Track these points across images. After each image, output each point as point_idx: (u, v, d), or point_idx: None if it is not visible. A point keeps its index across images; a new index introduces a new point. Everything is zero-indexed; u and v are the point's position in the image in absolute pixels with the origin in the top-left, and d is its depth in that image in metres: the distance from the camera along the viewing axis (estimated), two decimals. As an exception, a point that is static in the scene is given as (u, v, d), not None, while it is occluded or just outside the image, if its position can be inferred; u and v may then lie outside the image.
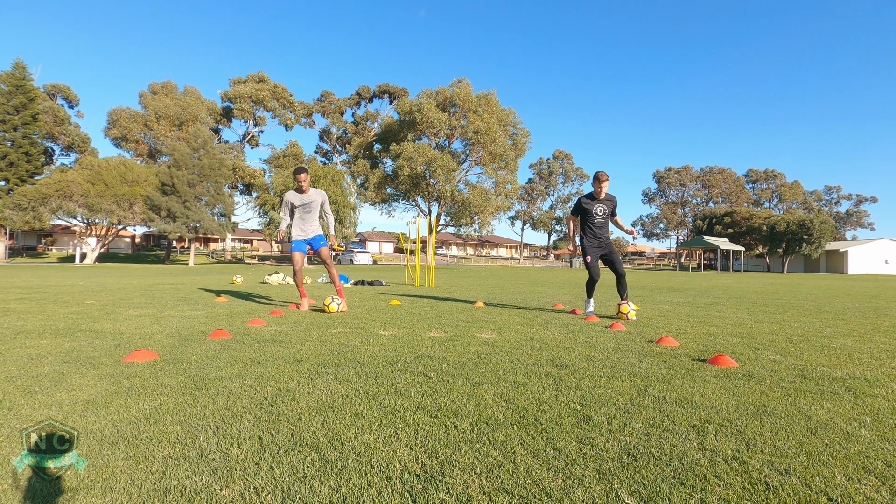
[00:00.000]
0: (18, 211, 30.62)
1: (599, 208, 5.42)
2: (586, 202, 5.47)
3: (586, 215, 5.49)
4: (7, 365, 2.71)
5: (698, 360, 3.04)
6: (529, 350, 3.34)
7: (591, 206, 5.44)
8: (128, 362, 2.79)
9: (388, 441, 1.68)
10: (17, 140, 33.92)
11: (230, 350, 3.21)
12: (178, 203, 33.44)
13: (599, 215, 5.44)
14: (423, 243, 31.48)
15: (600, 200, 5.43)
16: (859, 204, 73.26)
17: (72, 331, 3.89)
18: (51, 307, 5.51)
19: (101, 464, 1.48)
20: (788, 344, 3.72)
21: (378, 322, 4.65)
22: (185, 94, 43.71)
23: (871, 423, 1.90)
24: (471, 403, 2.10)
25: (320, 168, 35.40)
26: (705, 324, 4.83)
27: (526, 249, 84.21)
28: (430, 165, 36.72)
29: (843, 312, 6.20)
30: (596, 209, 5.42)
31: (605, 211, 5.45)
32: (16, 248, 43.72)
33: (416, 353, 3.19)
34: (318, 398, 2.16)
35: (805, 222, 45.07)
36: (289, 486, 1.36)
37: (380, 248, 71.71)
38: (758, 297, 9.01)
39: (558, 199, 72.65)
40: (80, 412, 1.93)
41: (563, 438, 1.72)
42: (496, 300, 7.32)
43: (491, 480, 1.41)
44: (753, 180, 73.84)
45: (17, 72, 34.38)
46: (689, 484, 1.39)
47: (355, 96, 52.45)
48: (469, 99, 38.06)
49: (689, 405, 2.11)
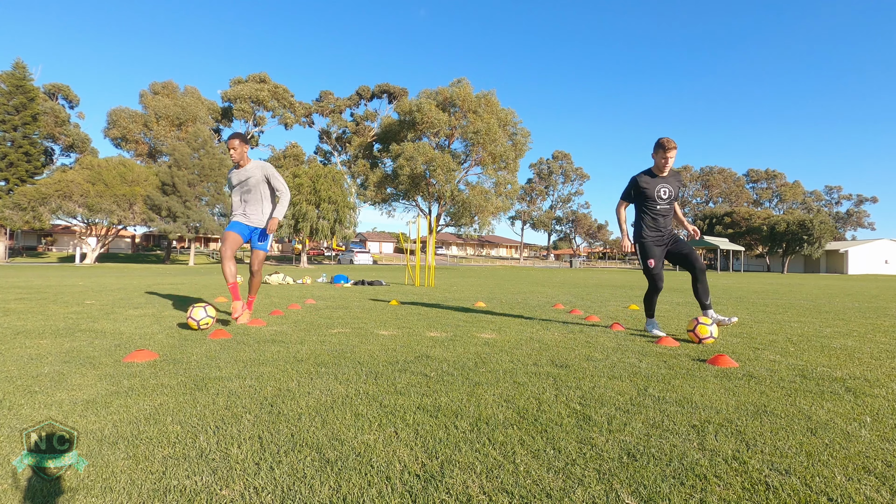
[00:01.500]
0: (18, 211, 30.63)
1: (664, 189, 4.04)
2: (645, 181, 4.07)
3: (644, 200, 4.09)
4: (7, 365, 2.71)
5: (698, 360, 3.04)
6: (529, 350, 3.34)
7: (651, 187, 4.05)
8: (128, 362, 2.79)
9: (388, 441, 1.68)
10: (17, 140, 33.93)
11: (230, 350, 3.21)
12: (178, 203, 33.45)
13: (663, 199, 4.05)
14: (423, 243, 31.48)
15: (664, 178, 4.06)
16: (859, 204, 73.30)
17: (72, 331, 3.89)
18: (51, 307, 5.51)
19: (101, 464, 1.48)
20: (788, 344, 3.72)
21: (378, 322, 4.65)
22: (186, 94, 43.76)
23: (871, 423, 1.90)
24: (471, 403, 2.10)
25: (320, 168, 35.39)
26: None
27: (526, 249, 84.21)
28: (430, 165, 36.75)
29: (843, 312, 6.20)
30: (659, 190, 4.04)
31: (671, 193, 4.07)
32: (16, 248, 43.72)
33: (416, 353, 3.19)
34: (318, 398, 2.16)
35: (805, 222, 45.10)
36: (289, 486, 1.36)
37: (380, 248, 71.73)
38: (758, 297, 9.01)
39: (558, 199, 72.69)
40: (80, 412, 1.93)
41: (563, 438, 1.72)
42: (496, 300, 7.32)
43: (491, 480, 1.41)
44: (753, 180, 73.87)
45: (17, 72, 34.40)
46: (689, 484, 1.39)
47: (355, 96, 52.46)
48: (469, 99, 38.07)
49: (689, 405, 2.11)
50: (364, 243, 67.39)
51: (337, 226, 34.32)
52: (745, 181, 73.43)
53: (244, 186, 4.51)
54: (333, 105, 51.78)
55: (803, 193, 71.98)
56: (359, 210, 39.33)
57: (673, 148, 3.93)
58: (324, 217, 33.31)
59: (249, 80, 46.49)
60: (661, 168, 4.02)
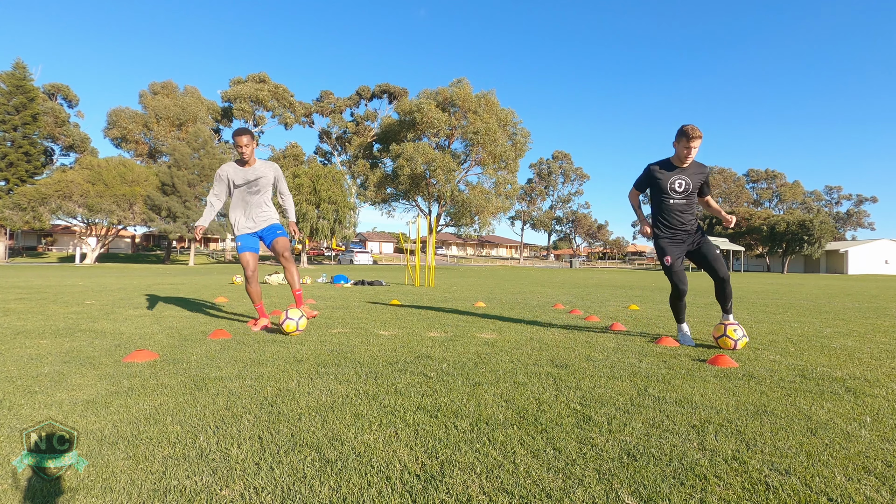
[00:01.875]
0: (18, 211, 30.64)
1: (678, 181, 3.62)
2: (658, 172, 3.66)
3: (657, 192, 3.71)
4: (7, 365, 2.71)
5: (698, 360, 3.04)
6: (529, 350, 3.34)
7: (665, 179, 3.63)
8: (128, 362, 2.79)
9: (388, 441, 1.68)
10: (17, 140, 33.94)
11: (230, 350, 3.21)
12: (178, 203, 33.46)
13: (678, 192, 3.63)
14: (423, 243, 31.48)
15: (682, 170, 3.62)
16: (859, 204, 73.30)
17: (72, 331, 3.89)
18: (51, 307, 5.51)
19: (101, 464, 1.48)
20: (788, 344, 3.72)
21: (378, 322, 4.65)
22: (185, 94, 43.76)
23: (871, 423, 1.90)
24: (471, 403, 2.10)
25: (320, 168, 35.40)
26: (705, 324, 4.82)
27: (526, 249, 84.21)
28: (431, 165, 36.75)
29: (843, 312, 6.20)
30: (673, 183, 3.62)
31: (688, 186, 3.62)
32: (16, 248, 43.72)
33: (416, 353, 3.19)
34: (318, 398, 2.16)
35: (805, 222, 45.10)
36: (289, 486, 1.36)
37: (380, 248, 71.72)
38: (758, 297, 9.01)
39: (558, 199, 72.69)
40: (80, 412, 1.93)
41: (563, 438, 1.72)
42: (496, 300, 7.32)
43: (491, 480, 1.41)
44: (753, 180, 73.86)
45: (17, 72, 34.42)
46: (689, 484, 1.39)
47: (355, 96, 52.46)
48: (469, 99, 38.07)
49: (689, 405, 2.11)
50: (364, 243, 67.40)
51: (337, 226, 34.33)
52: (745, 181, 73.43)
53: (253, 187, 4.20)
54: (333, 105, 51.78)
55: (803, 193, 71.98)
56: (359, 210, 39.34)
57: (697, 137, 3.47)
58: (324, 217, 33.32)
59: (249, 80, 46.49)
60: (681, 158, 3.57)
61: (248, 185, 4.20)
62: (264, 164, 4.27)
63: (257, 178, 4.19)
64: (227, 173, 4.20)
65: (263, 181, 4.22)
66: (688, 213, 3.67)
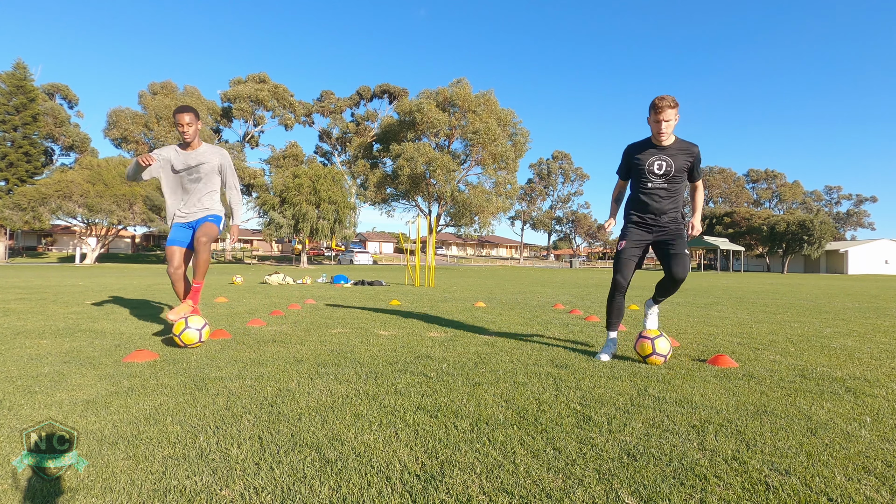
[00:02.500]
0: (18, 211, 30.63)
1: (658, 162, 3.09)
2: (636, 153, 3.17)
3: (634, 174, 3.22)
4: (7, 365, 2.71)
5: (698, 360, 3.04)
6: (529, 350, 3.34)
7: (643, 159, 3.13)
8: (128, 362, 2.79)
9: (388, 441, 1.68)
10: (17, 140, 33.95)
11: (230, 350, 3.21)
12: (178, 203, 33.40)
13: (657, 175, 3.11)
14: (423, 243, 31.48)
15: (663, 149, 3.10)
16: (859, 204, 73.33)
17: (72, 331, 3.89)
18: (51, 307, 5.51)
19: (101, 464, 1.48)
20: (788, 344, 3.72)
21: (378, 322, 4.65)
22: (185, 95, 43.75)
23: (871, 423, 1.90)
24: (471, 403, 2.10)
25: (320, 168, 35.41)
26: (705, 324, 4.83)
27: (526, 249, 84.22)
28: (430, 165, 36.75)
29: (843, 312, 6.20)
30: (651, 164, 3.11)
31: (670, 168, 3.09)
32: (16, 249, 43.72)
33: (416, 353, 3.19)
34: (318, 398, 2.16)
35: (805, 222, 45.10)
36: (289, 486, 1.36)
37: (380, 248, 71.71)
38: (758, 297, 9.01)
39: (558, 200, 72.69)
40: (80, 412, 1.93)
41: (563, 438, 1.72)
42: (496, 300, 7.32)
43: (491, 480, 1.41)
44: (753, 180, 73.90)
45: (17, 72, 34.43)
46: (689, 484, 1.39)
47: (355, 96, 52.49)
48: (469, 99, 38.08)
49: (689, 405, 2.11)
50: (364, 243, 67.40)
51: (337, 226, 34.33)
52: (745, 181, 73.48)
53: (193, 173, 3.70)
54: (334, 105, 51.82)
55: (803, 193, 72.04)
56: (359, 210, 39.29)
57: (667, 107, 2.93)
58: (324, 217, 33.32)
59: (249, 80, 46.47)
60: (657, 136, 3.05)
61: (189, 171, 3.70)
62: (211, 148, 3.76)
63: (199, 163, 3.69)
64: (166, 156, 3.69)
65: (206, 167, 3.71)
66: (667, 199, 3.15)
